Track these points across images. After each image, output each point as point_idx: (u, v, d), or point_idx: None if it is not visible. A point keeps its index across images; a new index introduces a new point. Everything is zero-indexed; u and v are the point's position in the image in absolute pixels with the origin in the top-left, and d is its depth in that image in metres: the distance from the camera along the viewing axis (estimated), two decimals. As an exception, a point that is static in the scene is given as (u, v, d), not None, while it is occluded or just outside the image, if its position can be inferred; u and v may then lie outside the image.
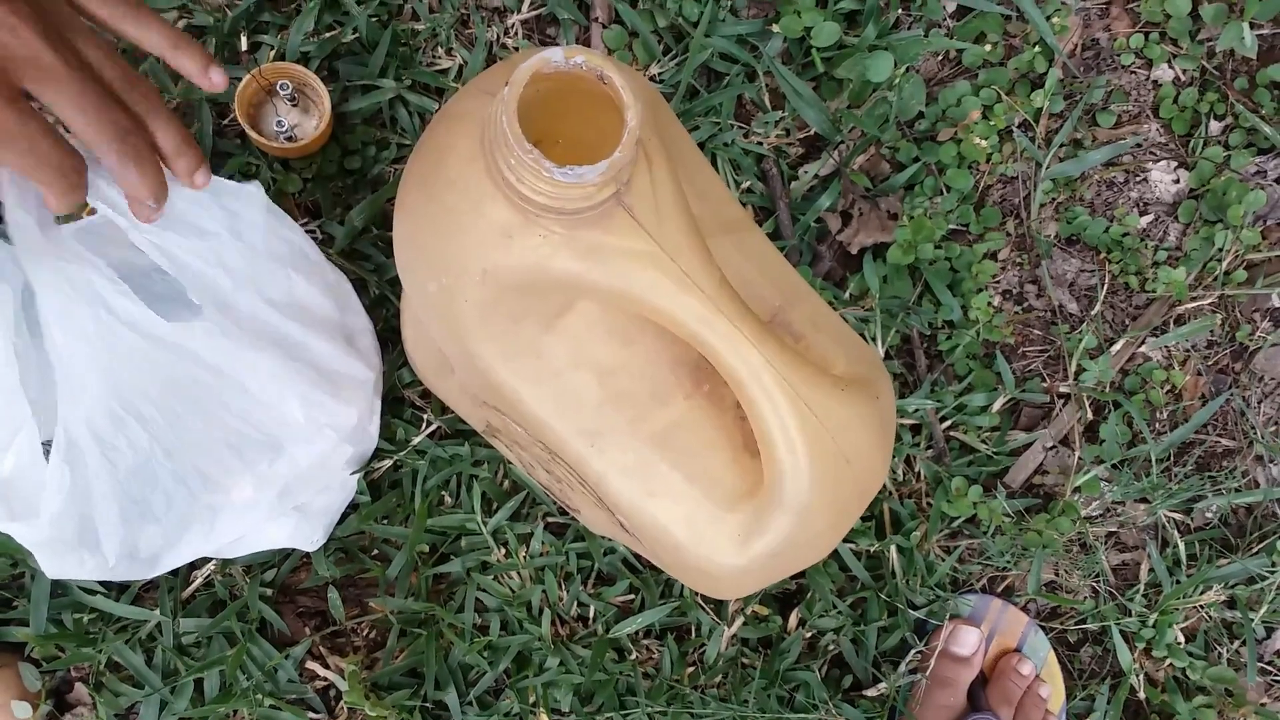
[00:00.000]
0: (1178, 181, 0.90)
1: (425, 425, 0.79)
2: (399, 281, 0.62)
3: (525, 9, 0.83)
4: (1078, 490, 0.87)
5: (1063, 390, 0.88)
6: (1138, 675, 0.87)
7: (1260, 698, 0.89)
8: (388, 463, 0.78)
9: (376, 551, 0.81)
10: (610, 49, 0.82)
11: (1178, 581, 0.87)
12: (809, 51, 0.83)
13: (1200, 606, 0.87)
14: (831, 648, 0.84)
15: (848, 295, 0.85)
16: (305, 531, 0.72)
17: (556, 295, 0.53)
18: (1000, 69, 0.87)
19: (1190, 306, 0.89)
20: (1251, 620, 0.87)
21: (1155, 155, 0.90)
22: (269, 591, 0.79)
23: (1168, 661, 0.87)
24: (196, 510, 0.63)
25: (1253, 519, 0.90)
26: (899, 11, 0.86)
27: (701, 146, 0.82)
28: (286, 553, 0.78)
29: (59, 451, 0.55)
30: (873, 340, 0.84)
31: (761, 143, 0.84)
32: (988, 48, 0.87)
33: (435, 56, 0.81)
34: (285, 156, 0.77)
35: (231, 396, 0.61)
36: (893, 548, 0.83)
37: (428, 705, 0.79)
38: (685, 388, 0.57)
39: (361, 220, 0.78)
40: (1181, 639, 0.87)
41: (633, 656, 0.81)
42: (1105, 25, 0.89)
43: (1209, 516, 0.90)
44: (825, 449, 0.53)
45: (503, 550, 0.80)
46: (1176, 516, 0.89)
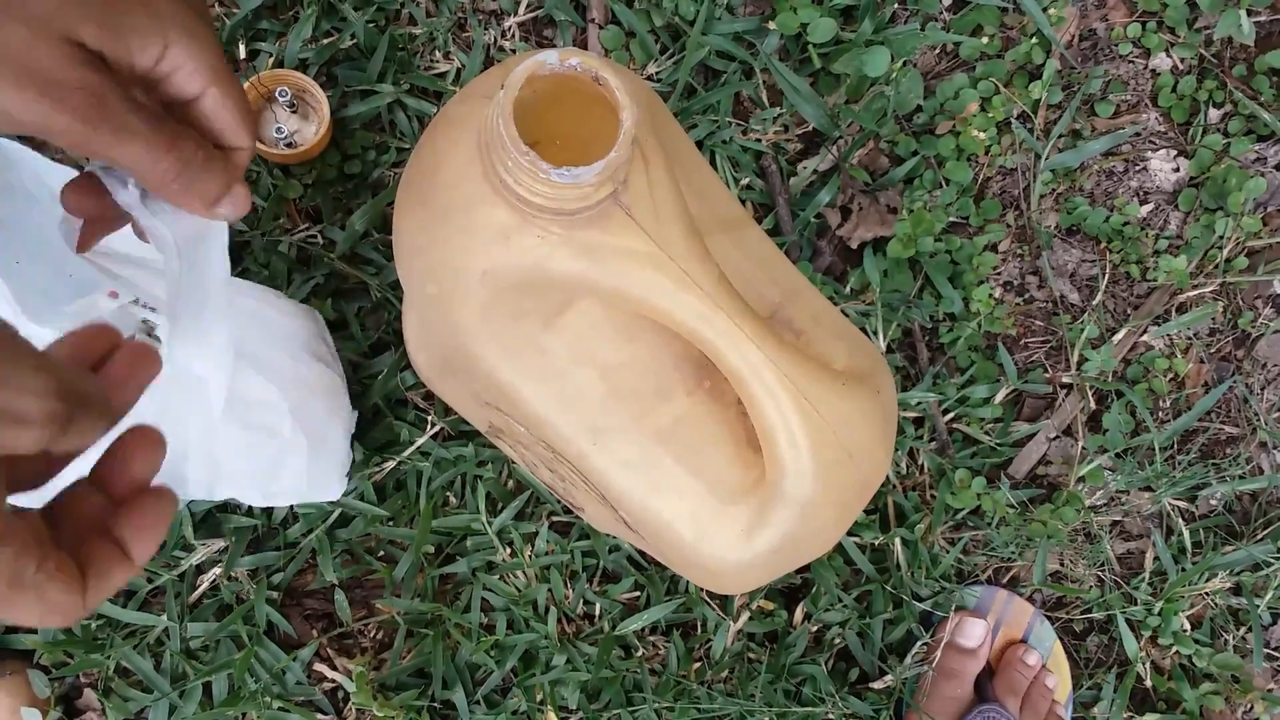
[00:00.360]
0: (1177, 170, 0.90)
1: (429, 427, 0.79)
2: (401, 285, 0.62)
3: (522, 11, 0.83)
4: (1082, 480, 0.87)
5: (1065, 380, 0.89)
6: (1144, 663, 0.87)
7: (1267, 683, 0.89)
8: (392, 464, 0.79)
9: (382, 553, 0.81)
10: (607, 49, 0.82)
11: (1183, 569, 0.87)
12: (806, 48, 0.83)
13: (1206, 594, 0.87)
14: (837, 641, 0.84)
15: (848, 290, 0.85)
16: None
17: (556, 294, 0.53)
18: (998, 61, 0.87)
19: (1192, 294, 0.89)
20: (1257, 606, 0.87)
21: (1154, 144, 0.90)
22: (275, 595, 0.79)
23: (1174, 649, 0.87)
24: None
25: (1257, 505, 0.90)
26: (895, 6, 0.86)
27: (700, 144, 0.82)
28: (291, 555, 0.79)
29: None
30: (874, 334, 0.84)
31: (760, 139, 0.84)
32: (985, 40, 0.87)
33: (433, 60, 0.82)
34: (285, 163, 0.78)
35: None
36: (897, 540, 0.84)
37: (435, 705, 0.80)
38: (687, 384, 0.57)
39: (362, 225, 0.78)
40: (1187, 626, 0.87)
41: (639, 653, 0.82)
42: (1102, 15, 0.89)
43: (1213, 504, 0.90)
44: (827, 443, 0.53)
45: (508, 550, 0.80)
46: (1181, 504, 0.89)
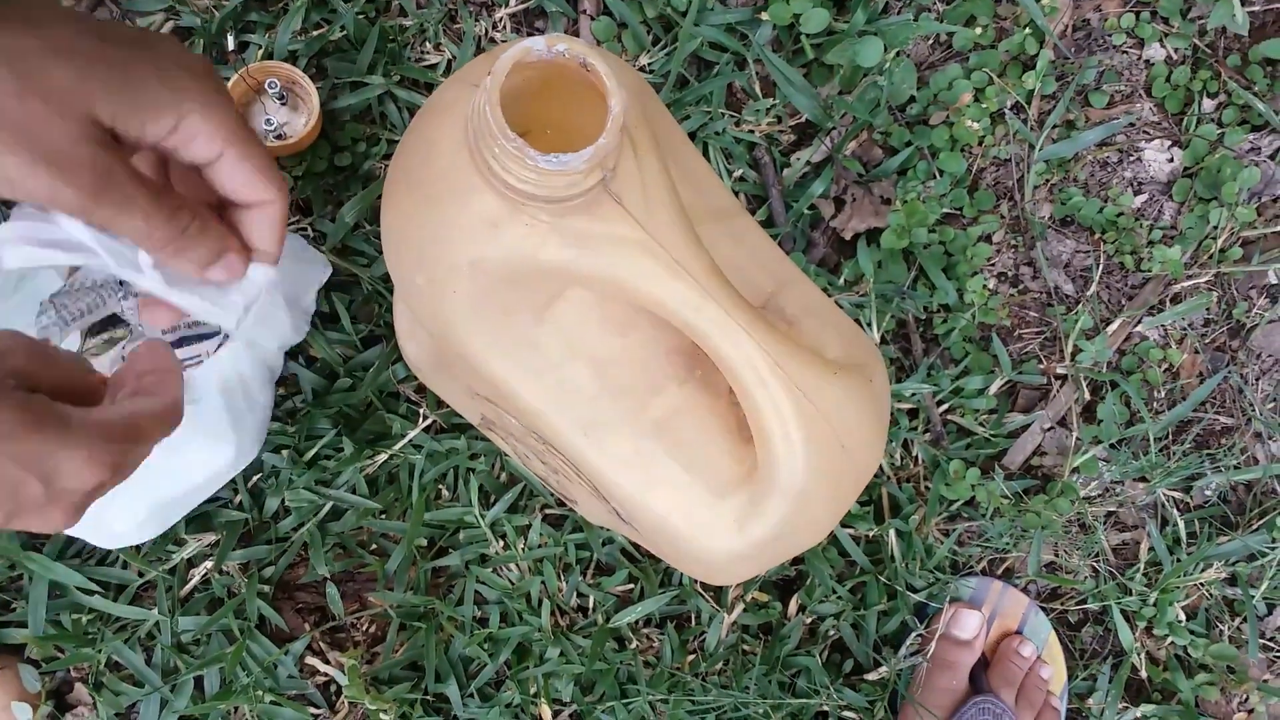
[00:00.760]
0: (1171, 160, 0.89)
1: (421, 420, 0.79)
2: (391, 277, 0.62)
3: (513, 2, 0.82)
4: (1076, 471, 0.87)
5: (1060, 371, 0.88)
6: (1139, 654, 0.87)
7: (1262, 674, 0.89)
8: (384, 458, 0.78)
9: (374, 546, 0.81)
10: (599, 40, 0.82)
11: (1178, 560, 0.87)
12: (799, 38, 0.83)
13: (1201, 584, 0.87)
14: (832, 633, 0.84)
15: (842, 281, 0.85)
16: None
17: (546, 285, 0.53)
18: (991, 51, 0.87)
19: (1186, 285, 0.89)
20: (1253, 597, 0.87)
21: (1148, 134, 0.90)
22: (267, 589, 0.79)
23: (1169, 640, 0.87)
24: None
25: (1252, 496, 0.89)
26: (887, -5, 0.85)
27: (692, 136, 0.82)
28: (283, 548, 0.78)
29: None
30: (868, 326, 0.84)
31: (753, 131, 0.84)
32: (978, 30, 0.86)
33: (423, 52, 0.81)
34: (275, 155, 0.77)
35: None
36: (891, 532, 0.83)
37: (429, 698, 0.79)
38: (679, 375, 0.57)
39: (353, 217, 0.78)
40: (1182, 617, 0.87)
41: (633, 645, 0.81)
42: (1096, 5, 0.89)
43: (1208, 494, 0.90)
44: (819, 433, 0.53)
45: (501, 543, 0.80)
46: (1176, 495, 0.89)
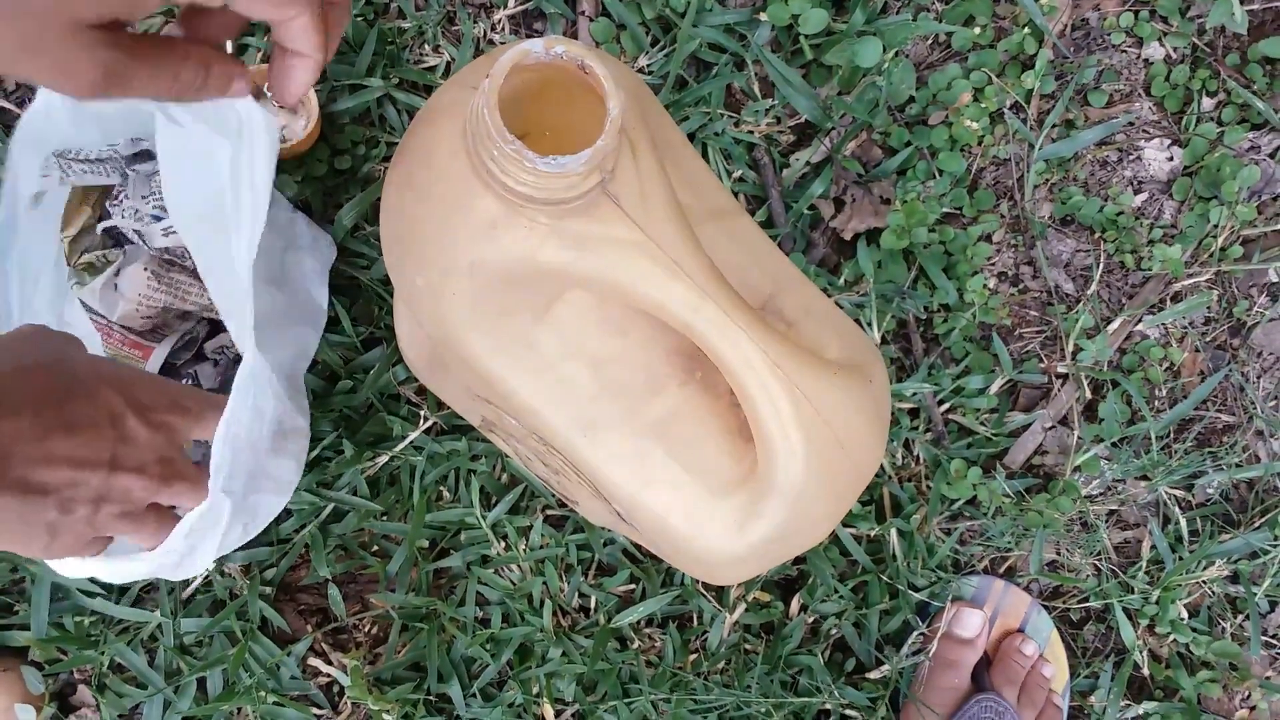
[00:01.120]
0: (1171, 159, 0.89)
1: (422, 422, 0.79)
2: (391, 279, 0.62)
3: (512, 4, 0.82)
4: (1078, 469, 0.87)
5: (1061, 370, 0.88)
6: (1141, 652, 0.87)
7: (1265, 671, 0.89)
8: (385, 459, 0.78)
9: (376, 548, 0.81)
10: (598, 42, 0.82)
11: (1180, 558, 0.87)
12: (797, 39, 0.83)
13: (1203, 582, 0.87)
14: (834, 632, 0.84)
15: (842, 281, 0.85)
16: None
17: (545, 286, 0.53)
18: (990, 51, 0.87)
19: (1187, 283, 0.89)
20: (1255, 594, 0.87)
21: (1148, 133, 0.90)
22: (269, 590, 0.79)
23: (1171, 637, 0.87)
24: None
25: (1254, 493, 0.89)
26: (886, -5, 0.86)
27: (692, 137, 0.82)
28: (284, 550, 0.79)
29: None
30: (868, 326, 0.84)
31: (752, 131, 0.84)
32: (977, 30, 0.86)
33: (422, 54, 0.81)
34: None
35: None
36: (893, 531, 0.83)
37: (431, 699, 0.80)
38: (678, 376, 0.57)
39: (352, 219, 0.78)
40: (1185, 615, 0.87)
41: (635, 645, 0.82)
42: (1095, 4, 0.89)
43: (1210, 492, 0.90)
44: (819, 433, 0.53)
45: (502, 543, 0.80)
46: (1177, 493, 0.89)
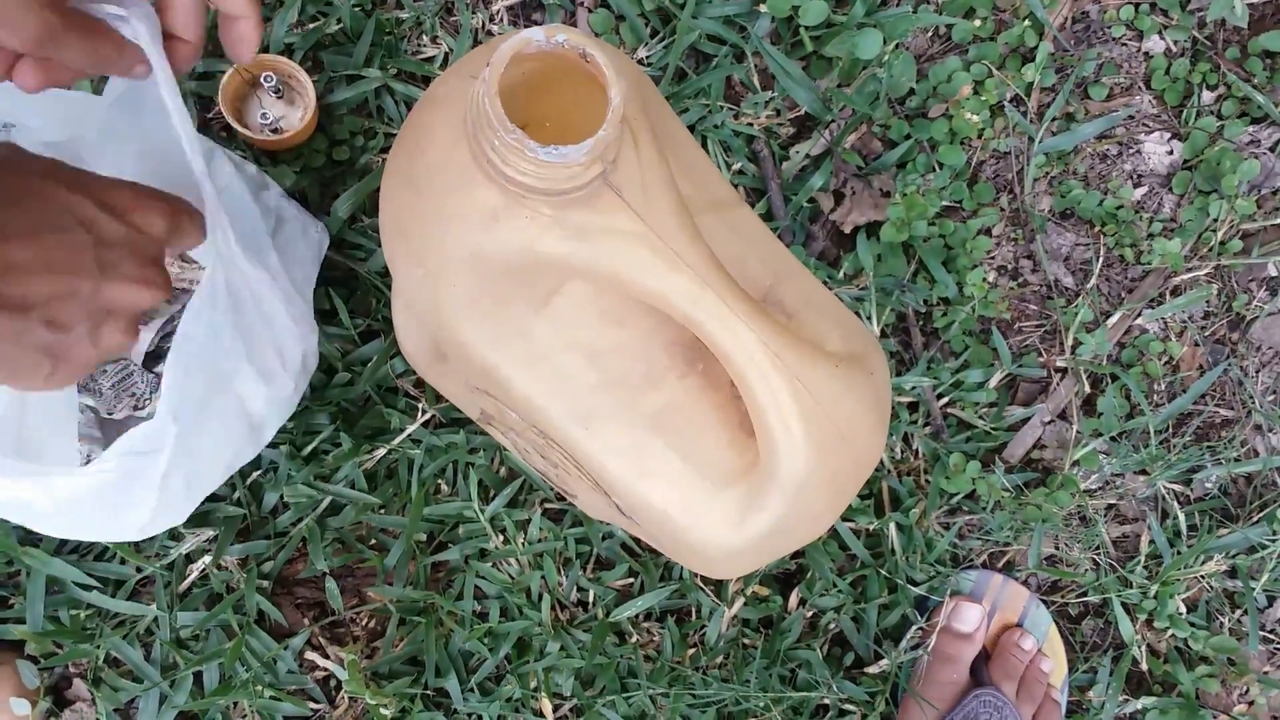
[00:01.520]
0: (1171, 153, 0.89)
1: (420, 414, 0.79)
2: (389, 270, 0.61)
3: (510, -6, 0.82)
4: (1076, 464, 0.87)
5: (1060, 364, 0.88)
6: (1140, 646, 0.87)
7: (1263, 666, 0.89)
8: (383, 452, 0.78)
9: (374, 541, 0.81)
10: (597, 33, 0.82)
11: (1178, 552, 0.87)
12: (797, 31, 0.82)
13: (1201, 577, 0.87)
14: (832, 626, 0.84)
15: (842, 274, 0.85)
16: None
17: (545, 277, 0.52)
18: (990, 44, 0.86)
19: (1186, 277, 0.89)
20: (1253, 589, 0.87)
21: (1148, 127, 0.89)
22: (266, 584, 0.79)
23: (1169, 632, 0.87)
24: None
25: (1253, 488, 0.89)
26: (887, -13, 0.85)
27: (691, 129, 0.82)
28: (281, 543, 0.78)
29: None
30: (868, 319, 0.83)
31: (752, 124, 0.84)
32: (977, 23, 0.86)
33: (420, 45, 0.81)
34: (271, 149, 0.77)
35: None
36: (892, 525, 0.83)
37: (429, 693, 0.79)
38: (679, 368, 0.57)
39: (349, 210, 0.78)
40: (1183, 609, 0.87)
41: (633, 639, 0.81)
42: (1095, -3, 0.89)
43: (1208, 487, 0.90)
44: (820, 426, 0.53)
45: (501, 537, 0.80)
46: (1176, 488, 0.89)
